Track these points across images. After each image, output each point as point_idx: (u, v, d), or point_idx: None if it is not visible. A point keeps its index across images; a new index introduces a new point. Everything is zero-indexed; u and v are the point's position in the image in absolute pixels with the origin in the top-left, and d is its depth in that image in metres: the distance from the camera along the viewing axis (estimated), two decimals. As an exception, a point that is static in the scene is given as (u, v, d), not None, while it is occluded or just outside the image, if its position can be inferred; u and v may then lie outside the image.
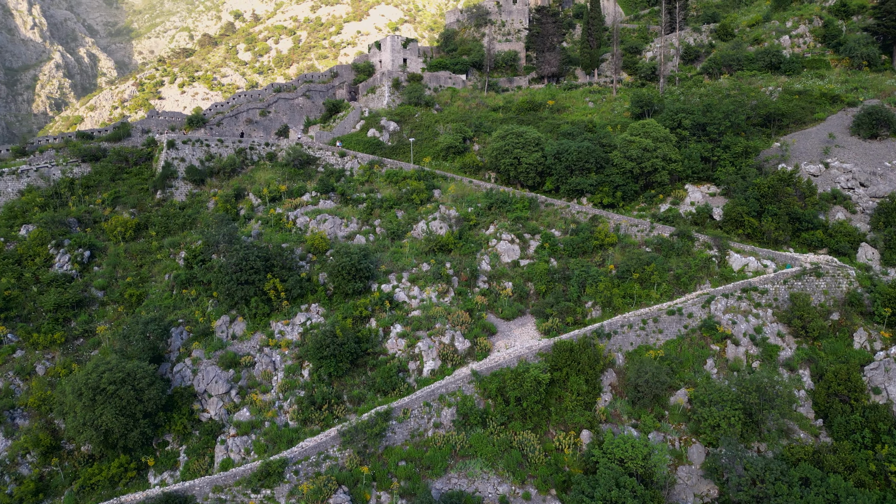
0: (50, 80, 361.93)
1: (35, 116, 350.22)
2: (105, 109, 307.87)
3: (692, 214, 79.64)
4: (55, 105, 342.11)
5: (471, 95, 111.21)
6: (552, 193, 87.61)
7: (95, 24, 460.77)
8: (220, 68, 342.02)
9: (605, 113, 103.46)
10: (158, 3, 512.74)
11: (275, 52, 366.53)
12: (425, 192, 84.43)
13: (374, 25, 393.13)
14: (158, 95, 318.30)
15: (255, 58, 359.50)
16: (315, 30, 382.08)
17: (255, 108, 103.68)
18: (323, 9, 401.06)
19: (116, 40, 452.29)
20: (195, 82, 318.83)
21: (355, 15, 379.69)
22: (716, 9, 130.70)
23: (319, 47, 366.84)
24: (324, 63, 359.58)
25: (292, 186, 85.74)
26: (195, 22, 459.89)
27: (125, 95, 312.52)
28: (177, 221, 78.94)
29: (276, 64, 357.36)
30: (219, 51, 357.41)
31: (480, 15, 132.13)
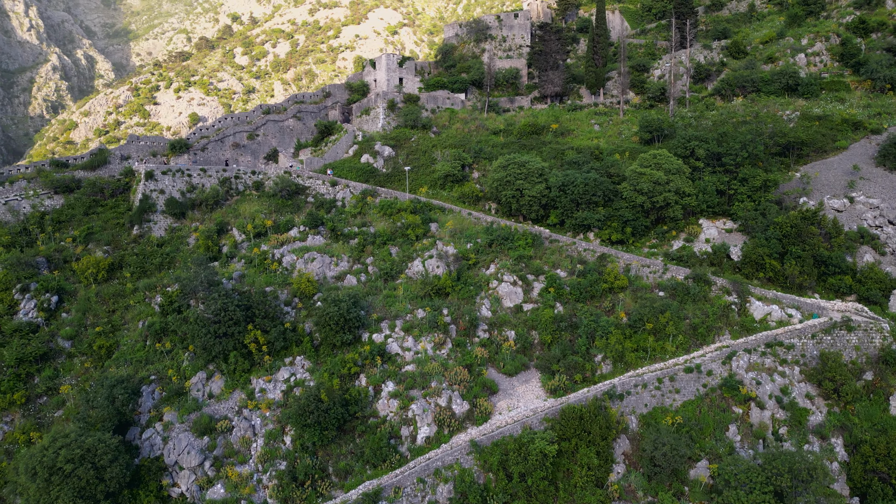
0: (47, 83, 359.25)
1: (31, 119, 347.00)
2: (100, 115, 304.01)
3: (708, 254, 74.11)
4: (52, 108, 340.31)
5: (470, 117, 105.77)
6: (557, 227, 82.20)
7: (93, 26, 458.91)
8: (217, 73, 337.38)
9: (612, 137, 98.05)
10: (157, 5, 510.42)
11: (272, 57, 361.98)
12: (421, 226, 79.02)
13: (373, 29, 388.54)
14: (154, 101, 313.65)
15: (252, 62, 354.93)
16: (313, 33, 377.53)
17: (242, 132, 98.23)
18: (321, 12, 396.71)
19: (114, 42, 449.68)
20: (191, 87, 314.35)
21: (353, 18, 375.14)
22: (726, 23, 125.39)
23: (317, 51, 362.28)
24: (322, 67, 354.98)
25: (279, 220, 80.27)
26: (193, 24, 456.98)
27: (120, 100, 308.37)
28: (154, 261, 73.42)
29: (273, 68, 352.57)
30: (216, 55, 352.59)
31: (480, 30, 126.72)
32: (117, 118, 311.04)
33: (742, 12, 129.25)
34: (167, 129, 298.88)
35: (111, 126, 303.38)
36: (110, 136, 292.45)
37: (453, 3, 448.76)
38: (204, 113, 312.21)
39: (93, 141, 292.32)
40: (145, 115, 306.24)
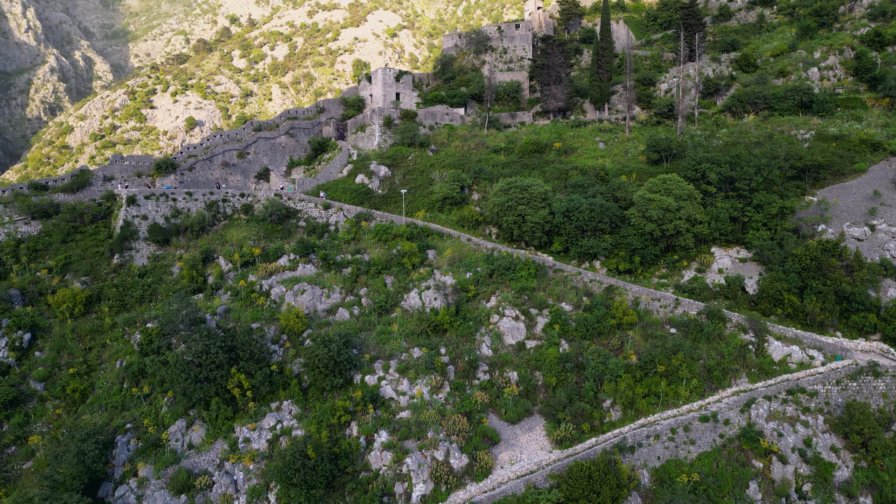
0: (44, 85, 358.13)
1: (29, 121, 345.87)
2: (95, 119, 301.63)
3: (721, 287, 69.94)
4: (49, 109, 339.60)
5: (469, 134, 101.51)
6: (561, 255, 77.80)
7: (91, 27, 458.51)
8: (215, 76, 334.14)
9: (618, 156, 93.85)
10: (155, 5, 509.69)
11: (270, 60, 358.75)
12: (418, 254, 74.92)
13: (372, 31, 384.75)
14: (150, 104, 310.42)
15: (249, 65, 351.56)
16: (312, 36, 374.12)
17: (231, 150, 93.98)
18: (320, 14, 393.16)
19: (112, 43, 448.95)
20: (188, 90, 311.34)
21: (353, 21, 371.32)
22: (735, 35, 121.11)
23: (316, 54, 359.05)
24: (320, 71, 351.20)
25: (268, 247, 76.03)
26: (191, 25, 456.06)
27: (116, 104, 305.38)
28: (134, 293, 69.22)
29: (271, 72, 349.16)
30: (213, 57, 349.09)
31: (480, 41, 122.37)
32: (113, 122, 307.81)
33: (751, 23, 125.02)
34: (163, 134, 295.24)
35: (107, 130, 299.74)
36: (106, 141, 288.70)
37: (453, 6, 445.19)
38: (201, 117, 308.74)
39: (88, 145, 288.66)
40: (141, 119, 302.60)
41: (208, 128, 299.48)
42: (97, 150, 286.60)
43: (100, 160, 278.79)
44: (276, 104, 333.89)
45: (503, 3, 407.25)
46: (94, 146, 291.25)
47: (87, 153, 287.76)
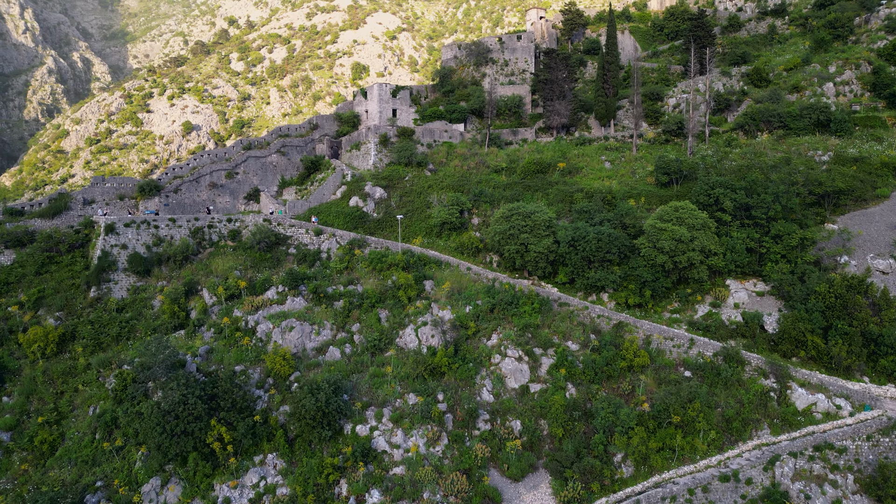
0: (42, 86, 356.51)
1: (27, 123, 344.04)
2: (91, 123, 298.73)
3: (738, 324, 65.39)
4: (47, 111, 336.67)
5: (469, 152, 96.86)
6: (567, 286, 73.07)
7: (90, 28, 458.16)
8: (212, 79, 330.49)
9: (625, 177, 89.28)
10: (154, 6, 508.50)
11: (268, 63, 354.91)
12: (414, 286, 70.38)
13: (371, 34, 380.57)
14: (147, 108, 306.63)
15: (247, 68, 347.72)
16: (310, 38, 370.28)
17: (220, 170, 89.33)
18: (318, 16, 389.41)
19: (111, 44, 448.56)
20: (185, 94, 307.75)
21: (352, 23, 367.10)
22: (745, 46, 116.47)
23: (314, 57, 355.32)
24: (319, 74, 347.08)
25: (255, 278, 71.45)
26: (189, 27, 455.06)
27: (112, 108, 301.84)
28: (111, 330, 64.63)
29: (269, 74, 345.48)
30: (211, 60, 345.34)
31: (480, 53, 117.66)
32: (109, 126, 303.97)
33: (762, 34, 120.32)
34: (160, 139, 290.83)
35: (103, 135, 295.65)
36: (101, 146, 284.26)
37: (453, 8, 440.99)
38: (198, 121, 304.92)
39: (83, 150, 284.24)
40: (138, 124, 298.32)
41: (205, 132, 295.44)
42: (92, 155, 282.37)
43: (95, 165, 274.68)
44: (275, 108, 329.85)
45: (503, 6, 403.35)
46: (89, 151, 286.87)
47: (83, 158, 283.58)
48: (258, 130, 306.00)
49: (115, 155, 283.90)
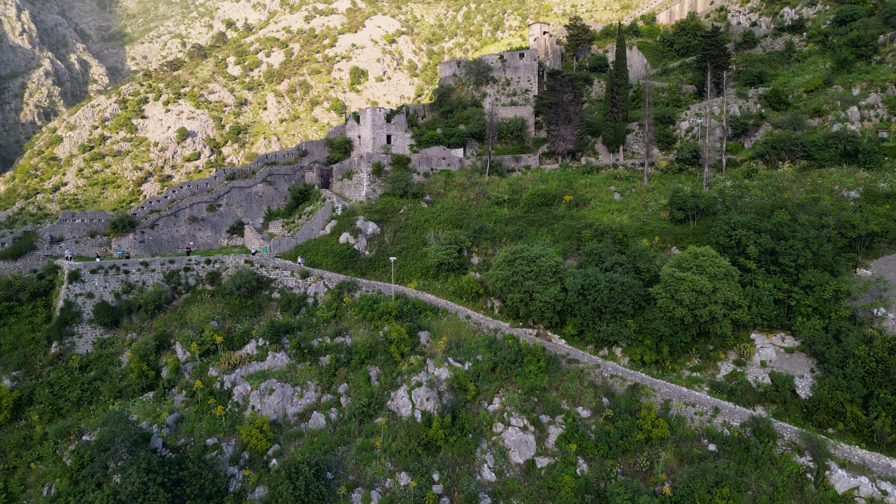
0: (39, 88, 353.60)
1: (23, 126, 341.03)
2: (85, 129, 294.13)
3: (767, 388, 58.93)
4: (44, 114, 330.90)
5: (469, 181, 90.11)
6: (576, 339, 66.37)
7: (88, 29, 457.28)
8: (208, 84, 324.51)
9: (637, 210, 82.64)
10: (153, 7, 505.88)
11: (265, 67, 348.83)
12: (408, 340, 63.95)
13: (370, 38, 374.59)
14: (142, 114, 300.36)
15: (244, 72, 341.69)
16: (308, 42, 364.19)
17: (201, 203, 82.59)
18: (317, 19, 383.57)
19: (109, 45, 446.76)
20: (181, 99, 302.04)
21: (350, 26, 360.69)
22: (761, 65, 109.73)
23: (312, 61, 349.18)
24: (317, 78, 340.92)
25: (234, 330, 64.79)
26: (188, 28, 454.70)
27: (107, 114, 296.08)
28: (72, 394, 58.05)
29: (266, 79, 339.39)
30: (208, 64, 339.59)
31: (481, 71, 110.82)
32: (103, 133, 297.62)
33: (778, 51, 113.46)
34: (154, 145, 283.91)
35: (96, 141, 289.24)
36: (94, 153, 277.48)
37: (453, 11, 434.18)
38: (193, 127, 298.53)
39: (76, 157, 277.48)
40: (132, 130, 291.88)
41: (201, 138, 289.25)
42: (85, 163, 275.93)
43: (88, 172, 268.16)
44: (272, 113, 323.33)
45: (504, 9, 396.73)
46: (82, 158, 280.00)
47: (76, 165, 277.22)
48: (255, 136, 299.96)
49: (109, 162, 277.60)
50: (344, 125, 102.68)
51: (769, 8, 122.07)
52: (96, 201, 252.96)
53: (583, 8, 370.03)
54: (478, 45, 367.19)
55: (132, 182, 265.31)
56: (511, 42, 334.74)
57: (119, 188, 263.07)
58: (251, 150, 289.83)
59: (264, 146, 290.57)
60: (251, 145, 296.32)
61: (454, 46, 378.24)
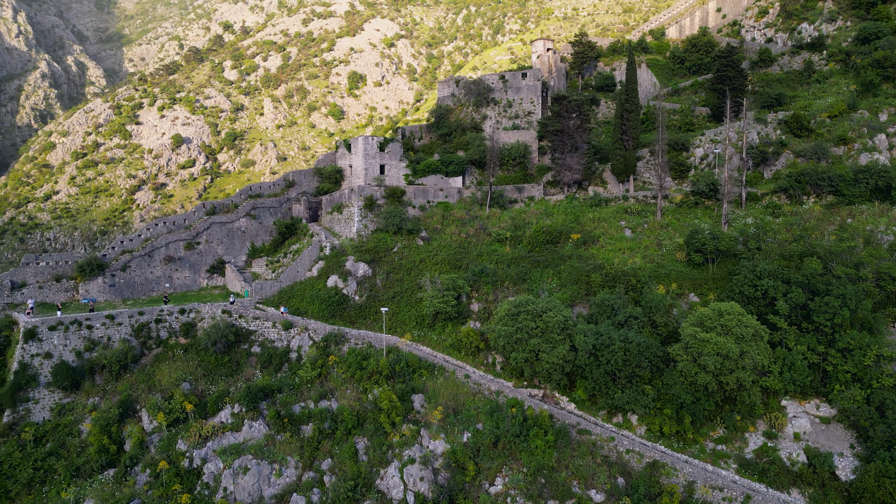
0: (35, 91, 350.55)
1: (19, 129, 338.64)
2: (78, 135, 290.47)
3: (802, 466, 51.62)
4: (40, 117, 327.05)
5: (468, 215, 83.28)
6: (587, 404, 59.53)
7: (85, 30, 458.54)
8: (204, 88, 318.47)
9: (650, 249, 76.01)
10: (151, 8, 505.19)
11: (262, 71, 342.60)
12: (400, 407, 57.17)
13: (369, 41, 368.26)
14: (136, 120, 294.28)
15: (241, 77, 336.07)
16: (306, 46, 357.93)
17: (178, 241, 75.77)
18: (315, 22, 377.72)
19: (107, 47, 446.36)
20: (176, 104, 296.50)
21: (349, 30, 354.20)
22: (779, 85, 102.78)
23: (310, 65, 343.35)
24: (314, 83, 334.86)
25: (208, 394, 58.02)
26: (185, 30, 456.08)
27: (101, 119, 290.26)
28: (22, 474, 51.36)
29: (263, 84, 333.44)
30: (204, 68, 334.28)
31: (481, 92, 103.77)
32: (97, 139, 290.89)
33: (797, 70, 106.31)
34: (149, 152, 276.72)
35: (90, 148, 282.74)
36: (87, 160, 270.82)
37: (452, 14, 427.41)
38: (188, 133, 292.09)
39: (69, 164, 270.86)
40: (126, 136, 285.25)
41: (196, 145, 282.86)
42: (78, 170, 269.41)
43: (80, 181, 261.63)
44: (268, 119, 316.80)
45: (504, 13, 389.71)
46: (74, 165, 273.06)
47: (68, 173, 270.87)
48: (251, 143, 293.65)
49: (102, 170, 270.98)
50: (334, 152, 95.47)
51: (786, 24, 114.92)
52: (88, 210, 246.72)
53: (584, 12, 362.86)
54: (478, 48, 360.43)
55: (125, 190, 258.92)
56: (512, 47, 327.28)
57: (112, 196, 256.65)
58: (247, 156, 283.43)
59: (261, 153, 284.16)
60: (247, 152, 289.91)
61: (454, 50, 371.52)
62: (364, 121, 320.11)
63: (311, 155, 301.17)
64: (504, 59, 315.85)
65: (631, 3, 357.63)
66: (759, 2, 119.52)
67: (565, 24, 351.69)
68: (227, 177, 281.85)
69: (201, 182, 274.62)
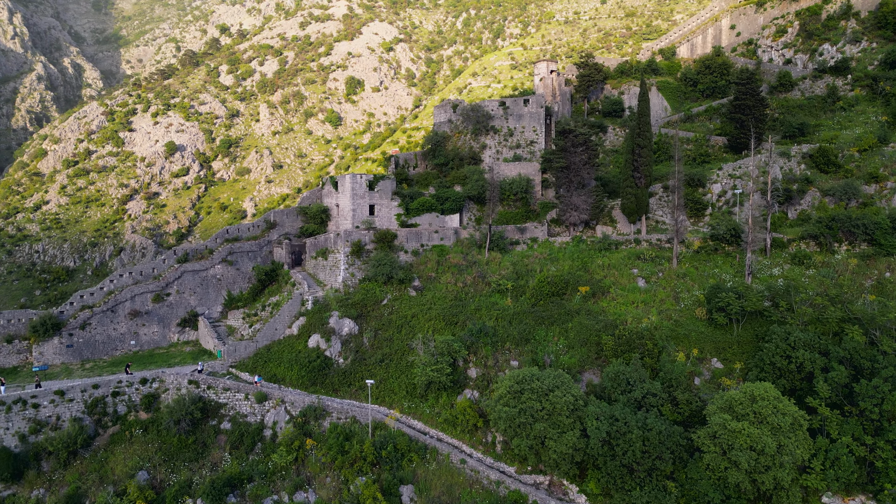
0: (31, 94, 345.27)
1: (14, 132, 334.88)
2: (70, 142, 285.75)
3: (853, 589, 43.40)
4: (36, 120, 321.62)
5: (465, 261, 75.61)
6: (601, 499, 51.54)
7: (83, 32, 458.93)
8: (199, 94, 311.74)
9: (666, 304, 68.57)
10: (149, 9, 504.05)
11: (259, 76, 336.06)
12: (386, 503, 48.03)
13: (367, 45, 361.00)
14: (129, 127, 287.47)
15: (237, 82, 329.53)
16: (303, 50, 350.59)
17: (145, 293, 68.11)
18: (312, 25, 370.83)
19: (104, 48, 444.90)
20: (170, 111, 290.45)
21: (346, 34, 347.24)
22: (801, 113, 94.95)
23: (307, 70, 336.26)
24: (311, 89, 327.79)
25: (168, 484, 49.99)
26: (182, 32, 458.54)
27: (93, 126, 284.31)
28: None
29: (259, 89, 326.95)
30: (199, 72, 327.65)
31: (479, 119, 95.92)
32: (88, 146, 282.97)
33: (819, 95, 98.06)
34: (141, 160, 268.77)
35: (81, 156, 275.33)
36: (79, 168, 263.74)
37: (452, 17, 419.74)
38: (182, 141, 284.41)
39: (60, 173, 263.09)
40: (119, 144, 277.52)
41: (190, 153, 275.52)
42: (69, 179, 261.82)
43: (71, 190, 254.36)
44: (264, 126, 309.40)
45: (504, 16, 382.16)
46: (65, 174, 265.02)
47: (59, 182, 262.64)
48: (246, 150, 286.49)
49: (93, 178, 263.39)
50: (320, 190, 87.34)
51: (806, 44, 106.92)
52: (79, 221, 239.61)
53: (586, 16, 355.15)
54: (478, 53, 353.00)
55: (117, 200, 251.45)
56: (512, 52, 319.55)
57: (103, 206, 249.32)
58: (242, 164, 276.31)
59: (256, 160, 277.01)
60: (242, 159, 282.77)
61: (453, 55, 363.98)
62: (362, 127, 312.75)
63: (307, 163, 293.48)
64: (504, 65, 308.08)
65: (633, 7, 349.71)
66: (777, 20, 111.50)
67: (566, 29, 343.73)
68: (222, 185, 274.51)
69: (195, 191, 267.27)
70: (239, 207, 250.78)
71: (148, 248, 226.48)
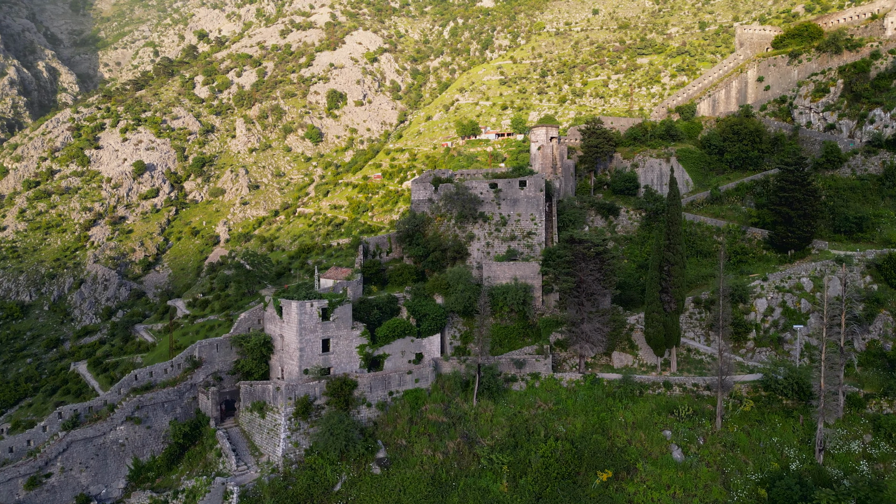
0: (3, 99, 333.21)
1: None
2: (33, 160, 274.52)
3: None
4: (7, 126, 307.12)
5: (447, 416, 58.00)
6: None
7: (60, 33, 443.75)
8: (173, 108, 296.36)
9: (713, 492, 51.63)
10: (128, 10, 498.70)
11: (236, 88, 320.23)
12: None
13: (350, 56, 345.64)
14: (96, 144, 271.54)
15: (212, 94, 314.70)
16: (283, 60, 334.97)
17: (14, 478, 48.39)
18: (294, 34, 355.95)
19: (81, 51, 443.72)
20: (141, 126, 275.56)
21: (329, 43, 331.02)
22: (853, 197, 78.30)
23: (287, 82, 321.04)
24: (291, 102, 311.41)
25: None
26: (160, 37, 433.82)
27: (57, 143, 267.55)
28: None
29: (236, 102, 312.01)
30: (174, 83, 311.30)
31: (465, 203, 77.03)
32: (51, 165, 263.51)
33: (874, 174, 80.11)
34: (107, 181, 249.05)
35: (43, 176, 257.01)
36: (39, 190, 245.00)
37: (439, 26, 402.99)
38: (153, 159, 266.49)
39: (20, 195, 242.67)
40: (84, 163, 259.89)
41: (160, 172, 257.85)
42: (29, 202, 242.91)
43: (31, 214, 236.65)
44: (241, 142, 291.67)
45: (493, 26, 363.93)
46: (25, 197, 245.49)
47: (17, 205, 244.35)
48: (221, 169, 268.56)
49: (55, 202, 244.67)
50: (262, 309, 67.72)
51: (853, 108, 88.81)
52: (37, 249, 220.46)
53: (577, 27, 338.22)
54: (465, 64, 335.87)
55: (79, 226, 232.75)
56: (501, 65, 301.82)
57: (64, 233, 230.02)
58: (216, 184, 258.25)
59: (231, 180, 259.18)
60: (216, 179, 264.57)
61: (440, 66, 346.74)
62: (344, 143, 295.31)
63: (286, 182, 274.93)
64: (493, 80, 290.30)
65: (626, 18, 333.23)
66: (816, 76, 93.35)
67: (557, 41, 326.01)
68: (194, 207, 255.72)
69: (164, 214, 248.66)
70: (212, 232, 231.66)
71: (111, 280, 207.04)
